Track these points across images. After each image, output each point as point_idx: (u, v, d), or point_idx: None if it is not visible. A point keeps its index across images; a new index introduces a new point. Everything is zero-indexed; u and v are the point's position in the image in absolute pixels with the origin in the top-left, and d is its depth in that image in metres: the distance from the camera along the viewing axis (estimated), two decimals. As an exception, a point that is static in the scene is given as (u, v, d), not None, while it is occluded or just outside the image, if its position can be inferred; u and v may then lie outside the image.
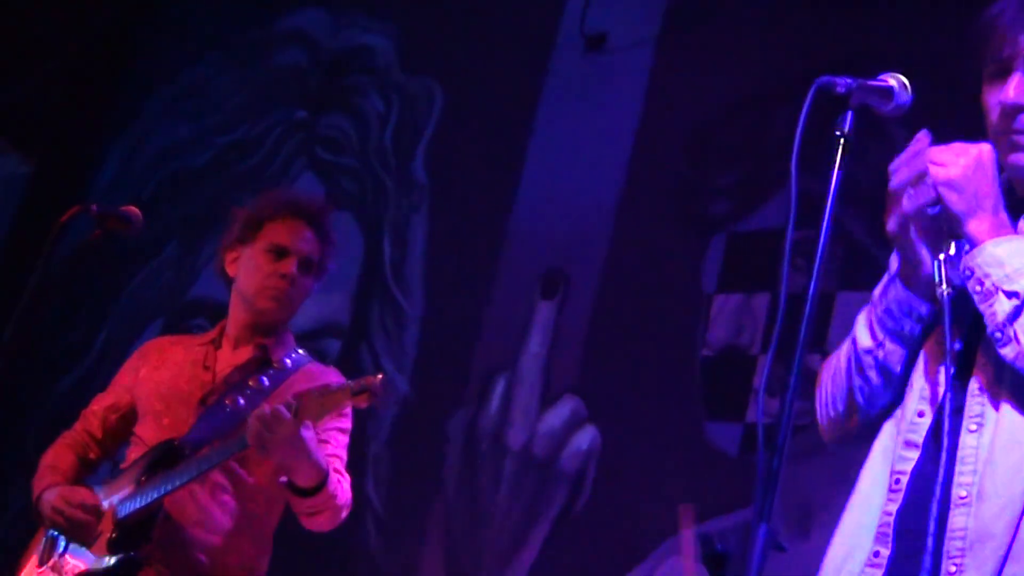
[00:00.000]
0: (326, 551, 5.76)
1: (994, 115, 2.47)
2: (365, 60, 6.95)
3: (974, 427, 2.37)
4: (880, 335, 2.52)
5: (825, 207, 2.35)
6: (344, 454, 3.98)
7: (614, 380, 5.55)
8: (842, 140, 2.37)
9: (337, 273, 6.46)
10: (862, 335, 2.55)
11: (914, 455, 2.41)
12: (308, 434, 3.63)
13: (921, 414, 2.43)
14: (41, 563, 3.97)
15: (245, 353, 4.07)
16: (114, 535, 3.85)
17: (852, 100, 2.41)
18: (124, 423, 4.12)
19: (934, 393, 2.44)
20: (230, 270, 4.11)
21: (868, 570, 2.37)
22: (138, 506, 3.85)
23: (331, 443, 3.94)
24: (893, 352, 2.49)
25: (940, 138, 2.59)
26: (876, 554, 2.38)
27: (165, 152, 7.44)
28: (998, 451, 2.34)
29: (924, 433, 2.42)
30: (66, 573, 3.91)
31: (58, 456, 4.10)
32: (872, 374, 2.52)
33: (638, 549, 5.14)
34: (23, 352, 3.68)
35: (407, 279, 6.34)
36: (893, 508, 2.40)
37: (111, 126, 7.70)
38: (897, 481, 2.41)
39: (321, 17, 7.23)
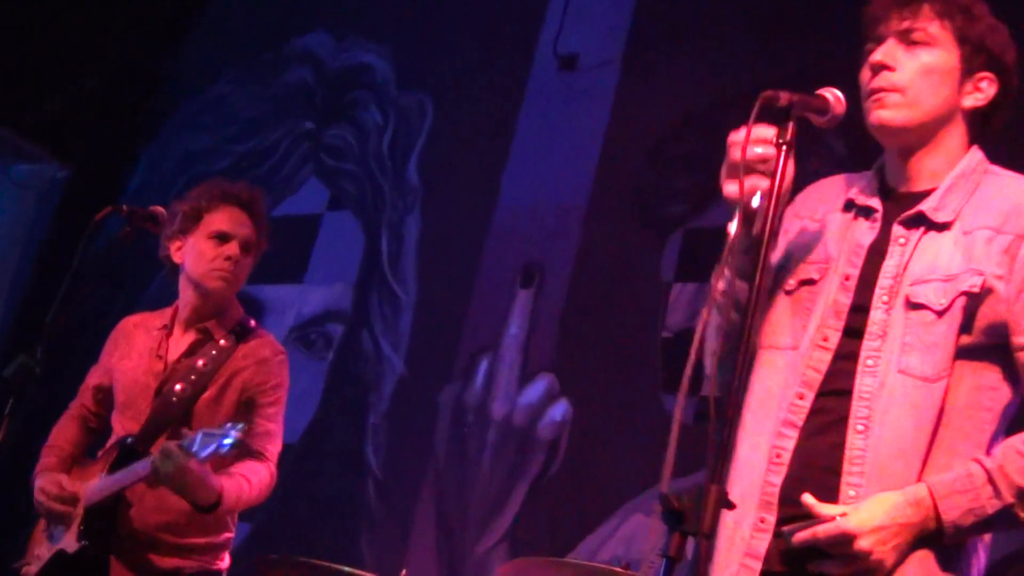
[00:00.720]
0: (330, 510, 5.75)
1: (864, 80, 2.50)
2: (365, 77, 6.94)
3: (864, 413, 2.37)
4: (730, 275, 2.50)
5: (768, 206, 2.35)
6: (272, 427, 3.92)
7: (584, 359, 5.56)
8: (784, 147, 2.37)
9: (340, 266, 6.52)
10: (717, 281, 2.53)
11: (794, 434, 2.40)
12: (194, 466, 3.55)
13: (801, 397, 2.41)
14: (45, 529, 3.95)
15: (191, 337, 3.99)
16: (82, 526, 3.79)
17: (793, 112, 2.40)
18: (110, 400, 4.06)
19: (814, 379, 2.43)
20: (176, 258, 4.01)
21: (756, 535, 2.35)
22: (99, 499, 3.78)
23: (261, 419, 3.90)
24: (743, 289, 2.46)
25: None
26: (762, 520, 2.37)
27: (188, 159, 7.42)
28: (884, 451, 2.34)
29: (804, 415, 2.40)
30: (44, 538, 3.91)
31: (61, 431, 4.08)
32: (728, 312, 2.53)
33: (605, 506, 5.15)
34: (62, 337, 3.65)
35: (402, 271, 6.33)
36: (776, 479, 2.38)
37: (140, 136, 7.68)
38: (779, 455, 2.39)
39: (326, 40, 7.22)
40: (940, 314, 2.37)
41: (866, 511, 2.27)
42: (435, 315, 6.14)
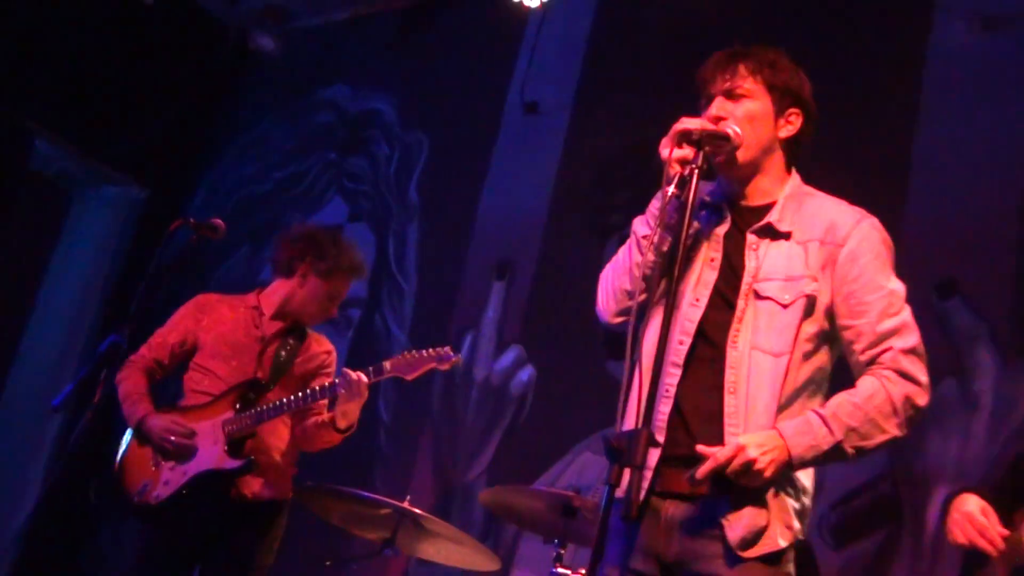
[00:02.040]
0: (351, 452, 5.75)
1: None
2: (375, 119, 6.92)
3: (732, 378, 2.38)
4: (653, 225, 2.49)
5: (684, 215, 2.35)
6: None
7: (545, 334, 5.56)
8: (696, 170, 2.38)
9: (358, 264, 6.51)
10: (639, 227, 2.54)
11: (678, 372, 2.40)
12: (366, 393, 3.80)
13: (681, 343, 2.42)
14: (154, 462, 3.90)
15: (280, 324, 4.07)
16: (227, 447, 3.83)
17: (702, 142, 2.41)
18: (186, 355, 4.06)
19: (689, 328, 2.43)
20: (298, 273, 4.08)
21: (650, 451, 2.30)
22: (246, 425, 3.85)
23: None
24: (663, 239, 2.47)
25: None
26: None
27: (240, 182, 7.39)
28: (750, 407, 2.36)
29: (684, 355, 2.41)
30: (163, 468, 3.87)
31: (137, 381, 3.97)
32: (648, 254, 2.49)
33: (561, 448, 5.16)
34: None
35: (405, 268, 6.32)
36: (665, 408, 2.39)
37: (202, 164, 7.65)
38: (667, 390, 2.39)
39: (345, 90, 7.20)
40: (785, 307, 2.40)
41: (749, 434, 2.30)
42: (430, 302, 6.13)
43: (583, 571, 3.55)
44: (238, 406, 3.86)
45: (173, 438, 3.81)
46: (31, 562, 6.56)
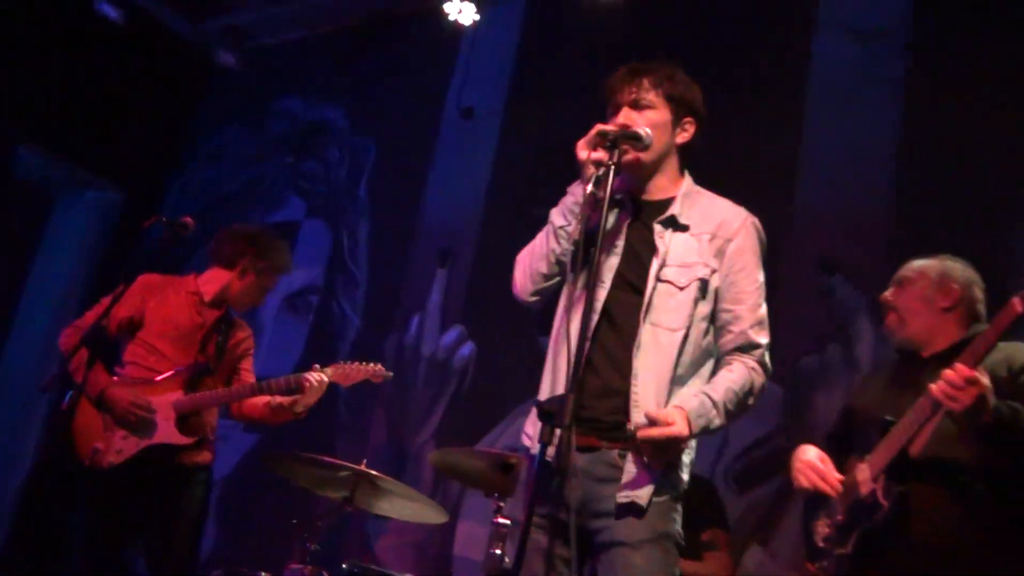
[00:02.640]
0: (314, 421, 5.73)
1: None
2: (327, 127, 6.88)
3: (640, 355, 2.41)
4: (568, 217, 2.54)
5: (601, 209, 2.37)
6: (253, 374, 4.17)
7: (483, 314, 5.58)
8: (612, 167, 2.40)
9: (315, 255, 6.47)
10: (556, 218, 2.58)
11: (586, 344, 2.36)
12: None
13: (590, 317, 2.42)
14: (105, 428, 3.82)
15: (216, 312, 4.06)
16: (176, 423, 3.80)
17: (617, 142, 2.43)
18: (131, 329, 3.98)
19: (597, 306, 2.44)
20: (239, 267, 4.06)
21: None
22: (197, 406, 3.84)
23: (249, 368, 4.13)
24: (576, 229, 2.48)
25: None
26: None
27: (207, 184, 7.30)
28: (650, 375, 2.39)
29: (592, 328, 2.40)
30: (115, 435, 3.80)
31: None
32: (564, 242, 2.53)
33: (498, 414, 5.19)
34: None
35: (358, 258, 6.30)
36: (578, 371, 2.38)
37: (174, 167, 7.54)
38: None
39: (299, 101, 7.14)
40: (681, 289, 2.45)
41: (680, 423, 2.35)
42: (381, 288, 6.12)
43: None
44: (188, 387, 3.83)
45: (137, 411, 3.77)
46: (23, 533, 6.44)
